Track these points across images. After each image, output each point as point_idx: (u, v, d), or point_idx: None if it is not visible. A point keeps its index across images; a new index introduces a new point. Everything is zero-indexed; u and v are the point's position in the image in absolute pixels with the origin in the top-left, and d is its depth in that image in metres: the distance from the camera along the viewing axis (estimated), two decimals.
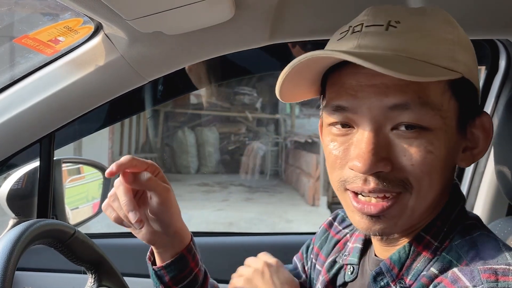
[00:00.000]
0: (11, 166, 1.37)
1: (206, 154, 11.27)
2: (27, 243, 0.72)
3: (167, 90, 1.54)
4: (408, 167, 0.59)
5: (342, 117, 0.62)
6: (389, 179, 0.59)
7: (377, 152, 0.58)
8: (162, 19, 0.88)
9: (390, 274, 0.64)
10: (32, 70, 1.12)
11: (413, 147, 0.58)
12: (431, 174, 0.60)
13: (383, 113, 0.59)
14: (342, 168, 0.63)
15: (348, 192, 0.63)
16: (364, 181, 0.60)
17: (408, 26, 0.60)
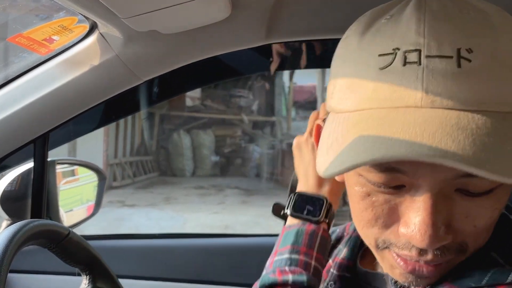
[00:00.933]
0: (4, 167, 1.37)
1: (201, 156, 11.26)
2: (20, 243, 0.72)
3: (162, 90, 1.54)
4: (470, 229, 0.49)
5: (392, 178, 0.48)
6: (449, 248, 0.49)
7: (439, 221, 0.47)
8: (158, 17, 0.88)
9: None
10: (26, 69, 1.12)
11: (480, 209, 0.48)
12: (490, 228, 0.51)
13: (451, 180, 0.46)
14: (385, 228, 0.51)
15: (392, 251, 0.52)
16: (419, 252, 0.49)
17: (485, 58, 0.44)
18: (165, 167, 11.25)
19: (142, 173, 10.69)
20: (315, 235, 0.75)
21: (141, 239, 1.53)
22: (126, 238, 1.54)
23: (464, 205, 0.48)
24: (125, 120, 10.51)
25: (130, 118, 10.73)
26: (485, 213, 0.48)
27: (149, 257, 1.39)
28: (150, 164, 11.04)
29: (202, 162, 11.26)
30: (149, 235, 1.62)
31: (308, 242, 0.76)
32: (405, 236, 0.48)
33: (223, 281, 1.33)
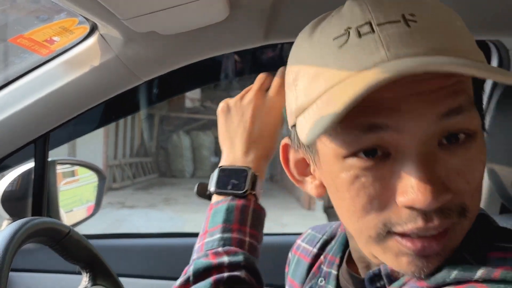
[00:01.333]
0: (5, 167, 1.38)
1: (201, 157, 11.27)
2: (21, 241, 0.73)
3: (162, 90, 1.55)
4: (465, 187, 0.48)
5: (377, 139, 0.47)
6: (450, 209, 0.48)
7: (437, 178, 0.46)
8: (157, 18, 0.88)
9: (389, 279, 0.56)
10: (27, 70, 1.12)
11: (467, 162, 0.48)
12: (480, 188, 0.51)
13: (434, 125, 0.47)
14: (383, 208, 0.49)
15: (393, 236, 0.50)
16: (424, 219, 0.47)
17: (428, 19, 0.49)
18: (165, 168, 11.26)
19: (142, 174, 10.70)
20: (246, 209, 0.71)
21: (141, 238, 1.53)
22: (126, 237, 1.54)
23: (452, 162, 0.48)
24: (125, 122, 10.51)
25: (130, 120, 10.73)
26: (473, 165, 0.48)
27: (148, 256, 1.39)
28: (149, 165, 11.05)
29: (201, 163, 11.27)
30: (148, 234, 1.61)
31: (240, 218, 0.73)
32: (406, 203, 0.47)
33: None
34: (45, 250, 1.34)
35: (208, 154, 11.24)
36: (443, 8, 0.52)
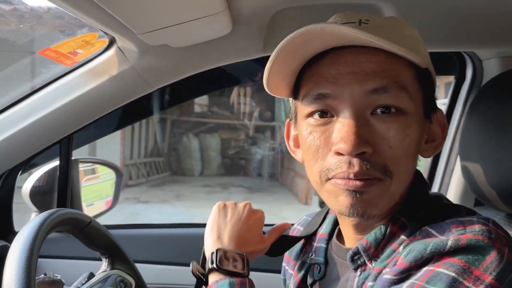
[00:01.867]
0: (33, 165, 1.40)
1: (208, 158, 11.26)
2: (49, 228, 0.74)
3: (173, 96, 1.56)
4: (387, 150, 0.57)
5: (323, 104, 0.59)
6: (371, 162, 0.56)
7: (360, 133, 0.56)
8: (169, 33, 0.90)
9: (367, 253, 0.61)
10: (53, 79, 1.14)
11: (392, 130, 0.57)
12: (407, 157, 0.59)
13: (364, 97, 0.57)
14: (324, 157, 0.59)
15: (331, 180, 0.59)
16: (348, 165, 0.56)
17: (377, 23, 0.61)
18: (176, 167, 11.25)
19: (155, 172, 10.70)
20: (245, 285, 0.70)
21: (154, 228, 1.54)
22: (141, 228, 1.55)
23: (380, 128, 0.57)
24: (140, 125, 10.52)
25: (144, 123, 10.73)
26: (397, 135, 0.57)
27: (160, 244, 1.40)
28: (162, 165, 11.05)
29: (209, 163, 11.26)
30: (161, 224, 1.61)
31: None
32: (335, 150, 0.57)
33: None
34: (69, 239, 1.36)
35: (214, 155, 11.23)
36: (398, 20, 0.64)
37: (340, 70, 0.58)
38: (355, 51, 0.58)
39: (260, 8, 0.92)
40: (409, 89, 0.58)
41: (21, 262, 0.66)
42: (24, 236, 0.69)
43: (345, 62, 0.58)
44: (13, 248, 0.68)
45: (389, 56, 0.58)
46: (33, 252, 0.67)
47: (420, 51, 0.62)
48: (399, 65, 0.59)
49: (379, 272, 0.57)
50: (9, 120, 1.15)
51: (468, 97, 1.26)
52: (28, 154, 1.22)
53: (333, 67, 0.59)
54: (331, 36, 0.56)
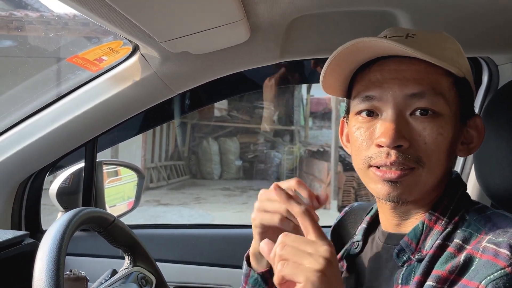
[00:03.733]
0: (60, 167, 1.44)
1: (228, 161, 11.30)
2: (76, 226, 0.77)
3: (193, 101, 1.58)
4: (422, 145, 0.65)
5: (369, 105, 0.68)
6: (406, 153, 0.65)
7: (399, 130, 0.64)
8: (189, 41, 0.93)
9: (410, 249, 0.68)
10: (80, 84, 1.18)
11: (427, 130, 0.65)
12: (439, 152, 0.66)
13: (404, 100, 0.66)
14: (367, 148, 0.68)
15: (371, 168, 0.68)
16: (387, 155, 0.65)
17: (422, 37, 0.70)
18: (196, 170, 11.31)
19: (175, 176, 10.78)
20: None
21: (174, 228, 1.57)
22: (162, 228, 1.58)
23: (417, 127, 0.65)
24: (161, 129, 10.63)
25: (165, 127, 10.84)
26: (431, 133, 0.65)
27: (180, 244, 1.42)
28: (182, 168, 11.13)
29: (228, 167, 11.29)
30: (180, 225, 1.64)
31: None
32: (376, 142, 0.66)
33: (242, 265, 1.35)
34: (92, 238, 1.40)
35: (233, 159, 11.26)
36: (442, 34, 0.73)
37: (385, 76, 0.67)
38: (399, 61, 0.67)
39: (277, 16, 0.94)
40: (445, 94, 0.67)
41: (51, 257, 0.69)
42: (53, 232, 0.72)
43: (390, 70, 0.67)
44: (43, 244, 0.72)
45: (428, 66, 0.66)
46: (62, 247, 0.70)
47: (459, 62, 0.69)
48: (437, 74, 0.67)
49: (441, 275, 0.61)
50: (38, 124, 1.20)
51: (484, 101, 1.25)
52: (56, 156, 1.27)
53: (380, 74, 0.68)
54: (378, 48, 0.66)
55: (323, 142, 9.96)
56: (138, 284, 0.95)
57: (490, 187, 0.90)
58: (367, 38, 0.63)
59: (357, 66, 0.72)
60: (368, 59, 0.70)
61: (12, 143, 1.21)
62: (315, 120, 11.23)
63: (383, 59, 0.69)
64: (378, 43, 0.64)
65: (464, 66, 0.70)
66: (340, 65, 0.70)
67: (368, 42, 0.64)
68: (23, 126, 1.21)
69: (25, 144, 1.20)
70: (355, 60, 0.70)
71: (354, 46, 0.65)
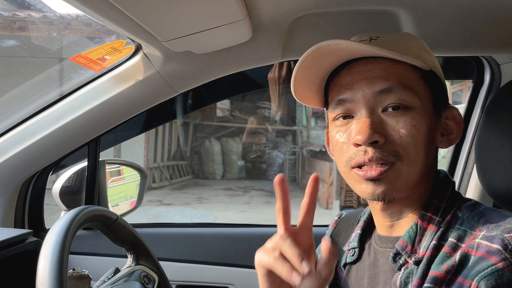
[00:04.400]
0: (63, 166, 1.45)
1: (230, 161, 11.31)
2: (79, 224, 0.78)
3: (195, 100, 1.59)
4: (397, 139, 0.66)
5: (343, 108, 0.70)
6: (383, 149, 0.66)
7: (373, 127, 0.66)
8: (192, 40, 0.93)
9: (405, 252, 0.68)
10: (83, 83, 1.19)
11: (400, 123, 0.66)
12: (416, 144, 0.67)
13: (374, 97, 0.67)
14: (347, 150, 0.69)
15: (354, 169, 0.69)
16: (364, 153, 0.66)
17: (386, 38, 0.72)
18: (198, 170, 11.33)
19: (178, 176, 10.79)
20: None
21: (176, 227, 1.57)
22: (164, 227, 1.58)
23: (390, 122, 0.67)
24: (163, 129, 10.64)
25: (168, 127, 10.86)
26: (405, 126, 0.66)
27: (183, 243, 1.43)
28: (184, 168, 11.14)
29: (230, 167, 11.30)
30: (183, 224, 1.65)
31: None
32: (353, 141, 0.67)
33: (244, 264, 1.35)
34: (95, 237, 1.40)
35: (236, 159, 11.27)
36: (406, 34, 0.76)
37: (354, 78, 0.69)
38: (366, 61, 0.69)
39: (279, 15, 0.94)
40: (414, 88, 0.68)
41: (54, 255, 0.70)
42: (56, 230, 0.73)
43: (358, 71, 0.69)
44: (46, 242, 0.72)
45: (394, 63, 0.68)
46: (65, 245, 0.70)
47: (423, 56, 0.71)
48: (403, 69, 0.68)
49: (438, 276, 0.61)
50: (41, 123, 1.21)
51: (486, 100, 1.25)
52: (59, 155, 1.28)
53: (349, 76, 0.70)
54: (341, 51, 0.67)
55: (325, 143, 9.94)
56: (141, 283, 0.95)
57: (492, 186, 0.90)
58: (325, 42, 0.64)
59: (327, 73, 0.73)
60: (336, 64, 0.71)
61: (16, 142, 1.21)
62: (318, 120, 11.22)
63: (351, 63, 0.70)
64: (340, 46, 0.65)
65: (429, 59, 0.71)
66: (307, 74, 0.71)
67: (327, 46, 0.65)
68: (26, 125, 1.21)
69: (29, 143, 1.21)
70: (323, 67, 0.71)
71: (316, 52, 0.66)
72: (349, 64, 0.71)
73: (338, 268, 0.81)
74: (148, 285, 0.98)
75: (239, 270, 1.36)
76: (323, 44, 0.65)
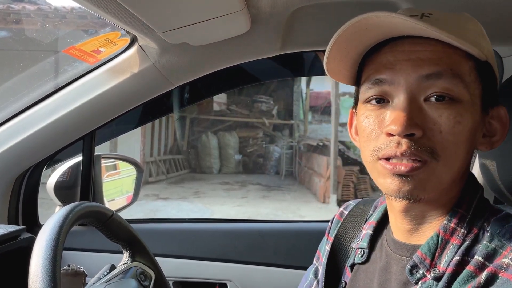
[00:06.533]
0: (57, 161, 1.43)
1: (227, 156, 11.31)
2: (74, 220, 0.76)
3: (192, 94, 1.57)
4: (437, 135, 0.58)
5: (379, 90, 0.61)
6: (419, 143, 0.58)
7: (411, 116, 0.57)
8: (188, 31, 0.91)
9: (424, 265, 0.61)
10: (77, 76, 1.17)
11: (444, 117, 0.58)
12: (457, 144, 0.59)
13: (418, 83, 0.58)
14: (377, 138, 0.61)
15: (380, 160, 0.61)
16: (397, 145, 0.58)
17: (439, 16, 0.62)
18: (195, 165, 11.33)
19: (175, 170, 10.80)
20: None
21: (173, 223, 1.56)
22: (160, 222, 1.57)
23: (432, 114, 0.58)
24: (160, 123, 10.63)
25: (164, 121, 10.84)
26: (448, 121, 0.58)
27: (179, 238, 1.42)
28: (181, 162, 11.15)
29: (227, 161, 11.31)
30: (179, 219, 1.64)
31: None
32: (385, 131, 0.59)
33: (242, 260, 1.35)
34: (91, 233, 1.39)
35: (233, 153, 11.27)
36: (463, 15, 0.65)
37: (397, 57, 0.60)
38: (414, 41, 0.60)
39: (278, 6, 0.93)
40: (465, 78, 0.59)
41: (47, 252, 0.68)
42: (50, 227, 0.71)
43: (403, 51, 0.60)
44: (39, 239, 0.71)
45: (446, 47, 0.59)
46: (59, 242, 0.69)
47: (481, 44, 0.61)
48: (456, 55, 0.59)
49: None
50: (35, 117, 1.19)
51: None
52: (53, 150, 1.26)
53: (391, 55, 0.61)
54: (388, 26, 0.58)
55: (322, 137, 9.97)
56: (137, 280, 0.94)
57: (494, 181, 0.89)
58: (374, 13, 0.55)
59: (365, 48, 0.64)
60: (378, 40, 0.62)
61: (9, 136, 1.20)
62: (315, 115, 11.22)
63: (395, 40, 0.61)
64: (387, 18, 0.55)
65: (486, 49, 0.62)
66: (346, 47, 0.62)
67: (376, 18, 0.56)
68: (20, 119, 1.19)
69: (22, 138, 1.19)
70: (363, 41, 0.62)
71: (361, 23, 0.57)
72: (393, 41, 0.62)
73: (346, 267, 0.76)
74: (144, 282, 0.96)
75: (237, 266, 1.35)
76: (371, 15, 0.55)
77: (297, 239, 1.37)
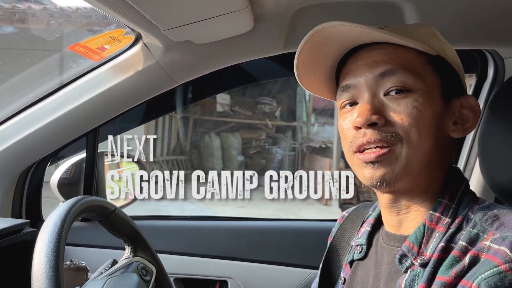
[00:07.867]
0: (61, 157, 1.44)
1: (230, 157, 11.30)
2: (77, 214, 0.77)
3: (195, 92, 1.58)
4: (398, 121, 0.65)
5: (348, 95, 0.70)
6: (382, 130, 0.65)
7: (372, 108, 0.65)
8: (192, 29, 0.92)
9: (412, 253, 0.65)
10: (82, 73, 1.18)
11: (402, 105, 0.65)
12: (418, 127, 0.65)
13: (375, 81, 0.67)
14: (350, 136, 0.69)
15: (356, 154, 0.68)
16: (363, 135, 0.66)
17: (393, 27, 0.71)
18: (198, 165, 11.33)
19: (177, 170, 10.80)
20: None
21: (175, 220, 1.56)
22: (162, 219, 1.57)
23: (392, 105, 0.65)
24: (163, 123, 10.63)
25: (167, 122, 10.84)
26: (407, 109, 0.65)
27: (181, 235, 1.42)
28: (184, 163, 11.15)
29: (230, 162, 11.29)
30: (181, 217, 1.64)
31: None
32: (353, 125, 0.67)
33: (243, 258, 1.35)
34: (93, 228, 1.40)
35: (235, 154, 11.26)
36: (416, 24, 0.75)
37: (357, 64, 0.69)
38: (370, 48, 0.69)
39: (282, 5, 0.93)
40: (419, 71, 0.67)
41: (50, 245, 0.68)
42: (53, 220, 0.72)
43: (362, 57, 0.69)
44: (42, 231, 0.71)
45: (397, 48, 0.67)
46: (62, 235, 0.69)
47: (430, 41, 0.69)
48: (407, 54, 0.67)
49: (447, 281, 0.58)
50: (39, 113, 1.20)
51: (490, 95, 1.24)
52: (57, 146, 1.27)
53: (353, 63, 0.70)
54: (341, 36, 0.67)
55: (325, 139, 9.95)
56: (139, 274, 0.94)
57: (495, 181, 0.89)
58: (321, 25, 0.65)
59: (334, 62, 0.74)
60: (341, 52, 0.72)
61: (14, 133, 1.21)
62: (318, 117, 11.20)
63: (357, 51, 0.71)
64: (342, 28, 0.64)
65: (437, 45, 0.69)
66: (312, 61, 0.72)
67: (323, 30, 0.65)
68: (25, 116, 1.20)
69: (27, 134, 1.20)
70: (327, 54, 0.72)
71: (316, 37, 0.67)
72: (355, 52, 0.71)
73: (345, 264, 0.79)
74: (145, 277, 0.97)
75: (238, 264, 1.35)
76: (319, 28, 0.66)
77: (298, 237, 1.37)
